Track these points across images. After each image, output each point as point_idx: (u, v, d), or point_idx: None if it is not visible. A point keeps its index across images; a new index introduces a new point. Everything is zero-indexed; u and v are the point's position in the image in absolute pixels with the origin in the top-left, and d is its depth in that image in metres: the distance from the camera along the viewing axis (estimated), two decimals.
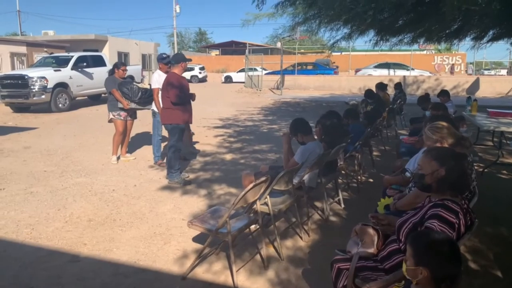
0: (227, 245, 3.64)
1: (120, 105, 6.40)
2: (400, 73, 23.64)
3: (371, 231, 2.37)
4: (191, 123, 5.78)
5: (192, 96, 5.60)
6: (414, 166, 2.98)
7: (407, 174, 2.94)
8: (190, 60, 5.61)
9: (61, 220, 4.30)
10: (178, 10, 37.50)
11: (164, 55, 6.36)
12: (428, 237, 1.67)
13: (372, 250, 2.34)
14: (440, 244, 1.61)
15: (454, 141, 2.90)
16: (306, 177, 4.04)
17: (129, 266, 3.39)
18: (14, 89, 12.95)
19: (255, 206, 3.35)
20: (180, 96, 5.31)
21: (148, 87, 6.55)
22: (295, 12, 8.31)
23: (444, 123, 2.95)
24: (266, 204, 3.47)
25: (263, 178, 3.05)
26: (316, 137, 4.70)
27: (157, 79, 6.14)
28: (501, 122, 6.68)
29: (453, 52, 34.96)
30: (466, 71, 31.80)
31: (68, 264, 3.42)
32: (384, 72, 24.49)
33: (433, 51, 37.86)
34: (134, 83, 6.52)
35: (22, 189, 5.30)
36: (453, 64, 32.68)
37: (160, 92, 5.74)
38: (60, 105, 13.44)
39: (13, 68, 17.93)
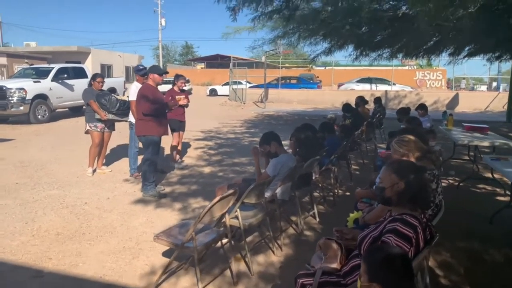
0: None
1: (97, 116, 6.32)
2: (382, 87, 24.01)
3: (334, 245, 2.35)
4: (166, 135, 5.72)
5: (167, 107, 5.56)
6: None
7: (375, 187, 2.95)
8: (166, 72, 5.59)
9: (28, 234, 4.17)
10: (163, 23, 37.63)
11: (141, 67, 6.32)
12: (381, 253, 1.66)
13: (335, 265, 2.31)
14: (393, 260, 1.60)
15: (420, 154, 2.92)
16: (278, 190, 4.02)
17: (94, 281, 3.29)
18: None
19: (224, 219, 3.31)
20: (153, 108, 5.27)
21: (127, 99, 6.49)
22: (274, 26, 8.41)
23: (411, 137, 2.98)
24: (236, 217, 3.43)
25: (230, 191, 3.02)
26: (290, 150, 4.71)
27: (134, 90, 6.08)
28: (475, 136, 6.80)
29: (434, 67, 35.75)
30: (448, 86, 32.51)
31: (31, 280, 3.30)
32: (366, 86, 24.85)
33: (415, 67, 38.67)
34: (113, 95, 6.45)
35: None
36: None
37: None
38: (39, 116, 13.21)
39: None
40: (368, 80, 25.82)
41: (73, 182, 6.17)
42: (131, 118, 6.24)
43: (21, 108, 12.66)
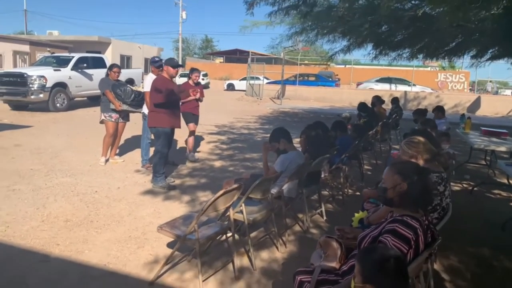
0: (200, 252, 3.61)
1: (112, 106, 6.39)
2: (402, 88, 23.63)
3: (334, 244, 2.32)
4: (179, 127, 5.74)
5: (180, 99, 5.58)
6: None
7: None
8: (181, 66, 5.61)
9: (38, 219, 4.26)
10: (184, 16, 37.79)
11: (157, 59, 6.37)
12: (375, 254, 1.63)
13: (334, 263, 2.29)
14: (387, 262, 1.57)
15: (429, 156, 2.86)
16: (285, 187, 3.99)
17: (98, 268, 3.34)
18: (13, 87, 12.97)
19: (228, 213, 3.31)
20: (165, 100, 5.30)
21: (142, 90, 6.55)
22: (292, 22, 8.34)
23: (421, 138, 2.92)
24: (241, 212, 3.43)
25: (234, 186, 3.02)
26: (300, 147, 4.68)
27: (149, 82, 6.12)
28: (492, 141, 6.64)
29: (457, 70, 35.00)
30: (471, 89, 31.79)
31: (38, 264, 3.37)
32: (385, 86, 24.51)
33: (437, 68, 37.94)
34: (128, 85, 6.51)
35: (4, 186, 5.27)
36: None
37: None
38: (58, 104, 13.45)
39: (15, 66, 18.01)
40: (388, 80, 25.45)
41: (85, 170, 6.26)
42: (145, 109, 6.30)
43: (41, 95, 12.90)
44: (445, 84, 33.58)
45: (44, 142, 8.23)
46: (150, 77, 6.18)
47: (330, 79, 28.19)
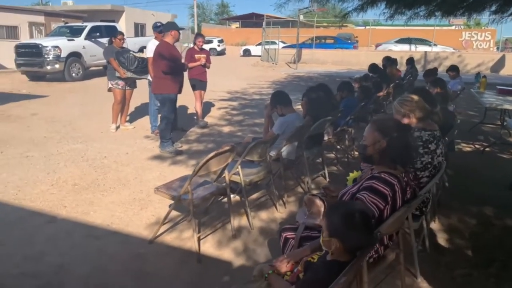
0: (200, 212, 3.73)
1: (117, 74, 6.45)
2: (422, 48, 22.83)
3: (318, 202, 2.35)
4: (180, 93, 5.77)
5: (184, 67, 5.58)
6: None
7: None
8: (182, 28, 5.57)
9: (48, 183, 4.44)
10: None
11: (159, 24, 6.32)
12: (340, 209, 1.65)
13: (318, 221, 2.33)
14: (351, 216, 1.59)
15: (422, 115, 2.81)
16: (284, 149, 4.01)
17: (102, 228, 3.50)
18: (29, 58, 13.19)
19: (224, 175, 3.37)
20: (170, 66, 5.30)
21: (145, 56, 6.56)
22: None
23: (414, 96, 2.86)
24: (238, 174, 3.49)
25: (226, 148, 3.06)
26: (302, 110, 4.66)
27: (151, 48, 6.12)
28: (507, 100, 6.43)
29: (483, 27, 33.43)
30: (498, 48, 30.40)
31: (45, 224, 3.55)
32: (405, 47, 23.73)
33: (462, 27, 36.29)
34: (131, 52, 6.52)
35: (18, 153, 5.48)
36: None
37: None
38: (73, 74, 13.64)
39: (31, 37, 18.20)
40: (408, 41, 24.57)
41: (96, 137, 6.42)
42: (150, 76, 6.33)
43: (57, 66, 13.09)
44: (469, 43, 32.15)
45: (59, 111, 8.43)
46: (153, 43, 6.17)
47: (349, 41, 27.40)
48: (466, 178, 4.93)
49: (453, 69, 7.74)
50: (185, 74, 6.11)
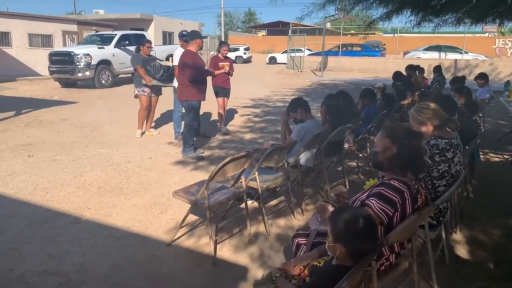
0: (217, 217, 3.79)
1: (144, 81, 6.64)
2: (452, 56, 22.29)
3: (330, 208, 2.36)
4: (203, 100, 5.88)
5: (209, 73, 5.70)
6: None
7: None
8: (205, 37, 5.70)
9: (74, 186, 4.62)
10: None
11: (185, 32, 6.48)
12: (344, 214, 1.66)
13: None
14: (355, 221, 1.60)
15: (439, 123, 2.77)
16: (302, 156, 4.03)
17: (123, 230, 3.60)
18: (62, 65, 13.74)
19: (240, 181, 3.42)
20: (194, 74, 5.43)
21: (171, 64, 6.73)
22: None
23: (431, 104, 2.83)
24: (255, 179, 3.52)
25: (242, 153, 3.11)
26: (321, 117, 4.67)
27: (178, 55, 6.27)
28: None
29: None
30: None
31: (70, 225, 3.69)
32: (434, 55, 23.23)
33: (495, 34, 35.23)
34: (157, 60, 6.71)
35: (48, 157, 5.71)
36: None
37: None
38: (103, 81, 14.09)
39: (64, 45, 18.94)
40: (437, 48, 24.03)
41: (122, 142, 6.61)
42: (175, 83, 6.48)
43: (87, 73, 13.56)
44: (503, 50, 31.19)
45: (88, 117, 8.73)
46: (179, 51, 6.33)
47: (377, 48, 27.08)
48: (493, 189, 4.80)
49: (482, 77, 7.57)
50: (209, 81, 6.24)
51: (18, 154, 5.80)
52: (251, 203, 4.05)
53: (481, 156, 5.38)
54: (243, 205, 3.81)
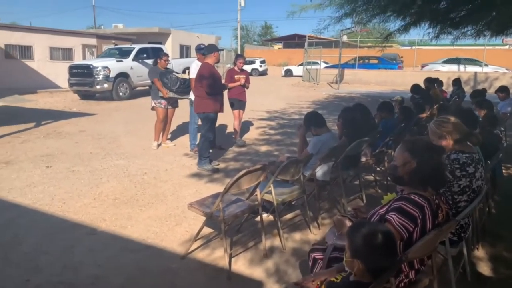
0: (233, 230, 3.75)
1: (161, 94, 6.71)
2: (472, 69, 21.96)
3: (347, 223, 2.31)
4: (222, 112, 5.90)
5: (224, 87, 5.73)
6: None
7: None
8: (222, 50, 5.75)
9: (90, 197, 4.65)
10: (243, 4, 37.96)
11: (202, 46, 6.55)
12: (362, 230, 1.61)
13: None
14: (373, 237, 1.55)
15: (460, 137, 2.70)
16: (318, 170, 3.98)
17: (138, 242, 3.60)
18: (81, 78, 14.05)
19: (256, 194, 3.39)
20: (211, 86, 5.47)
21: (187, 77, 6.79)
22: (341, 2, 8.07)
23: (451, 118, 2.76)
24: (270, 192, 3.49)
25: (257, 166, 3.08)
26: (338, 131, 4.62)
27: (195, 68, 6.33)
28: None
29: None
30: None
31: (85, 236, 3.71)
32: (453, 67, 22.93)
33: None
34: (174, 73, 6.78)
35: (66, 168, 5.79)
36: None
37: None
38: (121, 93, 14.32)
39: (84, 58, 19.39)
40: (456, 61, 23.73)
41: (138, 154, 6.67)
42: (192, 95, 6.53)
43: (106, 85, 13.82)
44: None
45: (105, 129, 8.85)
46: (196, 64, 6.39)
47: (394, 61, 26.91)
48: None
49: (503, 90, 7.42)
50: (225, 93, 6.27)
51: (37, 165, 5.90)
52: (266, 217, 4.01)
53: (503, 171, 5.24)
54: (258, 218, 3.77)
